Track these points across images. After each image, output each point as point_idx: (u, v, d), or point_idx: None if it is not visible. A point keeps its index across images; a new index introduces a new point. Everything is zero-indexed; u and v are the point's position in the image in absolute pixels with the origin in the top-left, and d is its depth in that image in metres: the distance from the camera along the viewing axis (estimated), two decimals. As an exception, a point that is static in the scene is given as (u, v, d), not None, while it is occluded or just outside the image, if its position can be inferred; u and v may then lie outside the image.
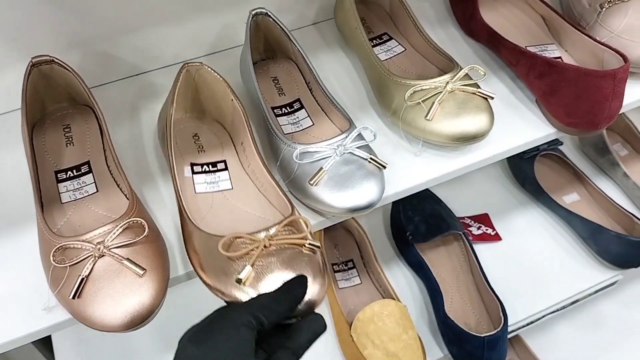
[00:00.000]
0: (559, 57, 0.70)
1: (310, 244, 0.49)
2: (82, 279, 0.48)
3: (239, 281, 0.47)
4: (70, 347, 0.84)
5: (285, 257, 0.48)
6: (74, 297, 0.48)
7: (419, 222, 0.88)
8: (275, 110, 0.67)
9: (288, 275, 0.47)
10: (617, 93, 0.59)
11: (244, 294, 0.47)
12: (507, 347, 0.78)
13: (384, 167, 0.57)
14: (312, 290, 0.47)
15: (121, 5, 0.66)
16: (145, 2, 0.67)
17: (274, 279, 0.47)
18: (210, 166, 0.61)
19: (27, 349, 1.01)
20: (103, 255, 0.49)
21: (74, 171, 0.60)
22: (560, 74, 0.61)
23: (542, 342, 1.15)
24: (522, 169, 0.99)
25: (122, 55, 0.71)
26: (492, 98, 0.62)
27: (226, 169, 0.61)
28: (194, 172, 0.60)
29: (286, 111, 0.67)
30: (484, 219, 0.96)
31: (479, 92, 0.61)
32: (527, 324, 0.86)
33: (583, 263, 0.91)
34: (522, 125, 0.66)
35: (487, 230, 0.94)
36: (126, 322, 0.47)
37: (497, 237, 0.94)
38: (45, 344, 0.97)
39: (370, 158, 0.57)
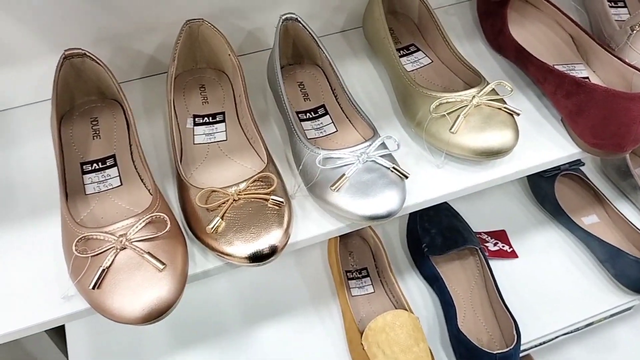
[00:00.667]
0: (587, 77, 0.69)
1: (273, 199, 0.54)
2: (103, 270, 0.48)
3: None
4: (83, 337, 0.85)
5: (252, 210, 0.53)
6: (93, 288, 0.48)
7: (436, 234, 0.88)
8: (299, 115, 0.67)
9: (254, 225, 0.52)
10: (645, 116, 0.58)
11: (216, 242, 0.52)
12: (518, 365, 0.78)
13: (406, 177, 0.57)
14: (275, 236, 0.52)
15: (151, 3, 0.67)
16: (176, 1, 0.68)
17: (242, 229, 0.52)
18: (210, 118, 0.65)
19: (40, 337, 1.02)
20: (125, 248, 0.49)
21: (100, 164, 0.61)
22: (588, 94, 0.61)
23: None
24: (542, 187, 0.98)
25: (149, 53, 0.72)
26: (518, 114, 0.62)
27: (223, 120, 0.65)
28: (195, 124, 0.65)
29: (310, 116, 0.67)
30: (501, 236, 0.96)
31: (505, 107, 0.61)
32: (540, 344, 0.85)
33: (599, 286, 0.90)
34: (546, 143, 0.66)
35: (503, 247, 0.93)
36: (144, 316, 0.47)
37: (513, 255, 0.93)
38: (58, 333, 0.98)
39: (393, 167, 0.57)
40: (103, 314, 0.49)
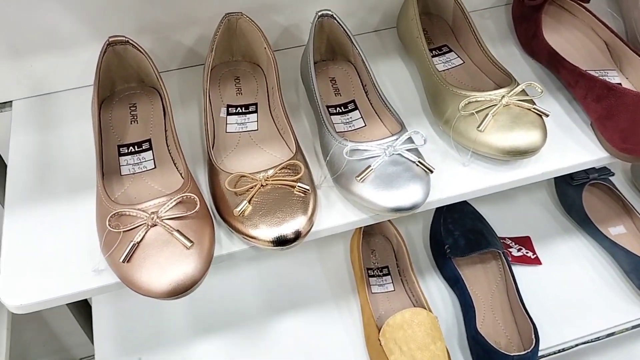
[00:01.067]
0: (619, 84, 0.69)
1: (299, 186, 0.55)
2: (134, 245, 0.50)
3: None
4: (108, 320, 0.87)
5: (279, 196, 0.55)
6: (124, 261, 0.50)
7: (459, 236, 0.88)
8: (330, 109, 0.69)
9: (279, 210, 0.54)
10: (676, 122, 0.58)
11: (242, 225, 0.54)
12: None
13: (431, 172, 0.58)
14: (299, 222, 0.54)
15: (194, -4, 0.70)
16: (217, -5, 0.70)
17: (268, 213, 0.54)
18: (242, 108, 0.67)
19: (67, 319, 1.05)
20: (155, 225, 0.51)
21: (136, 147, 0.64)
22: (619, 98, 0.61)
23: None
24: (569, 195, 0.97)
25: (188, 44, 0.75)
26: (547, 115, 0.62)
27: (256, 111, 0.67)
28: (228, 113, 0.67)
29: (340, 110, 0.69)
30: (525, 242, 0.95)
31: (534, 108, 0.62)
32: (559, 351, 0.84)
33: (623, 297, 0.89)
34: (574, 147, 0.66)
35: (527, 253, 0.93)
36: (170, 290, 0.49)
37: (537, 261, 0.93)
38: (84, 316, 1.00)
39: (418, 161, 0.58)
40: (131, 288, 0.51)
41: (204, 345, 0.85)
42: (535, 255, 0.93)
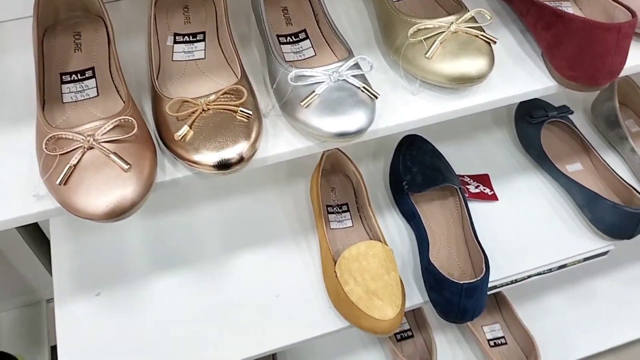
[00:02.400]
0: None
1: (242, 111, 0.55)
2: (70, 167, 0.50)
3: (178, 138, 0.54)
4: (66, 257, 0.87)
5: (221, 120, 0.55)
6: (60, 184, 0.50)
7: (417, 173, 0.89)
8: (280, 39, 0.67)
9: (221, 135, 0.54)
10: (621, 48, 0.58)
11: (184, 150, 0.54)
12: (487, 300, 0.79)
13: (376, 98, 0.58)
14: (241, 146, 0.54)
15: None
16: None
17: (209, 138, 0.54)
18: (190, 37, 0.66)
19: (29, 258, 1.05)
20: (92, 148, 0.51)
21: (79, 75, 0.62)
22: (566, 25, 0.61)
23: (531, 312, 1.16)
24: (528, 133, 0.98)
25: (138, -26, 0.72)
26: (495, 42, 0.61)
27: (204, 40, 0.66)
28: (175, 42, 0.66)
29: (291, 40, 0.67)
30: (483, 179, 0.96)
31: (482, 35, 0.61)
32: (511, 282, 0.87)
33: (576, 230, 0.91)
34: (523, 76, 0.66)
35: (484, 189, 0.94)
36: (107, 212, 0.49)
37: (494, 197, 0.94)
38: (45, 253, 1.01)
39: (363, 87, 0.57)
40: (69, 210, 0.51)
41: (163, 281, 0.85)
42: (492, 192, 0.94)
